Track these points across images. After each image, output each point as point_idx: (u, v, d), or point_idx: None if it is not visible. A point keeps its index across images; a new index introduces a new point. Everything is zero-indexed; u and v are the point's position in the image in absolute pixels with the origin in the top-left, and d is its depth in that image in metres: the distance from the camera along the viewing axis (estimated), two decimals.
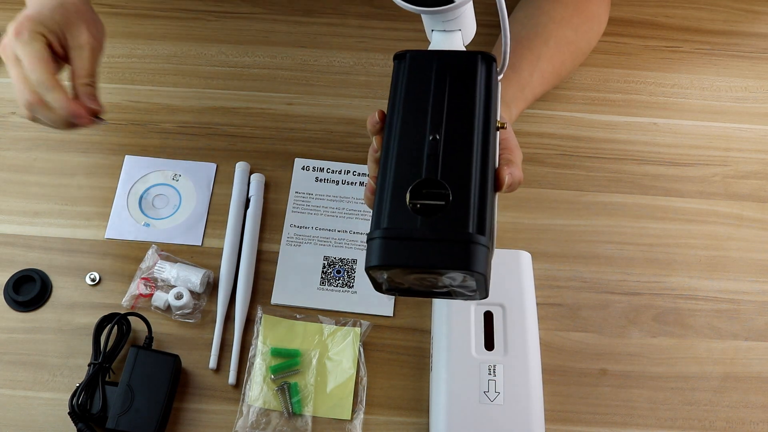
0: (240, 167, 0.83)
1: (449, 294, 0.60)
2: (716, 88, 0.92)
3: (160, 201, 0.82)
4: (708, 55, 0.94)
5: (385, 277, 0.58)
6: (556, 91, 0.87)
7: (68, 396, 0.68)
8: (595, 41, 0.88)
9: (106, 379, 0.70)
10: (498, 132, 0.63)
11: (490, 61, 0.61)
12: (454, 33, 0.63)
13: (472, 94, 0.59)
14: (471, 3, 0.62)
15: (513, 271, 0.74)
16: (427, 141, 0.57)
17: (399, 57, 0.62)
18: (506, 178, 0.61)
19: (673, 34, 0.95)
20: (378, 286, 0.61)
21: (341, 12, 0.95)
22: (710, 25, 0.96)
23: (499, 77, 0.66)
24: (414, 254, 0.54)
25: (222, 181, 0.83)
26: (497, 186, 0.61)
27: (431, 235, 0.55)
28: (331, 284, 0.78)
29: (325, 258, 0.79)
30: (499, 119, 0.63)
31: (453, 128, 0.58)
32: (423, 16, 0.63)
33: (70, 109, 0.66)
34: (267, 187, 0.83)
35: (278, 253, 0.79)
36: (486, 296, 0.59)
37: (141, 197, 0.82)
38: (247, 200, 0.81)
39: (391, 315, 0.76)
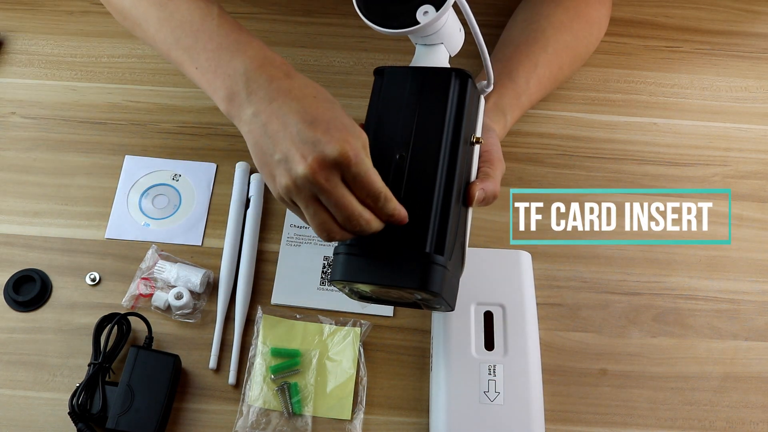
0: (240, 167, 0.83)
1: (418, 305, 0.62)
2: (716, 88, 0.92)
3: (160, 201, 0.82)
4: (708, 55, 0.94)
5: (348, 291, 0.61)
6: (556, 91, 0.87)
7: (68, 396, 0.68)
8: (594, 46, 0.88)
9: (106, 379, 0.70)
10: (475, 147, 0.63)
11: (465, 77, 0.61)
12: (437, 46, 0.63)
13: (443, 111, 0.59)
14: (452, 17, 0.62)
15: (513, 271, 0.74)
16: (394, 160, 0.58)
17: (378, 73, 0.63)
18: (477, 194, 0.61)
19: (673, 34, 0.95)
20: (348, 295, 0.62)
21: (341, 12, 0.95)
22: (710, 25, 0.96)
23: (488, 89, 0.66)
24: (372, 271, 0.57)
25: (222, 181, 0.83)
26: (468, 201, 0.61)
27: (391, 253, 0.56)
28: (331, 284, 0.78)
29: (325, 258, 0.79)
30: (478, 134, 0.64)
31: (420, 146, 0.59)
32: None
33: (401, 214, 0.56)
34: (267, 187, 0.83)
35: (278, 253, 0.79)
36: (452, 309, 0.61)
37: (141, 197, 0.82)
38: (247, 200, 0.81)
39: (391, 315, 0.76)
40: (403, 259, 0.56)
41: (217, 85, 0.59)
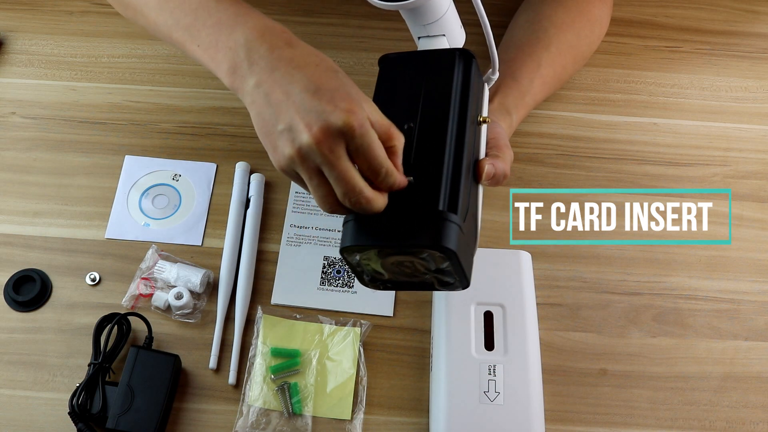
0: (240, 167, 0.83)
1: (430, 284, 0.60)
2: (716, 88, 0.92)
3: (160, 201, 0.82)
4: (708, 55, 0.94)
5: (358, 258, 0.58)
6: (556, 91, 0.87)
7: (68, 396, 0.68)
8: (596, 44, 0.88)
9: (106, 379, 0.70)
10: (482, 126, 0.63)
11: (468, 57, 0.62)
12: (438, 38, 0.63)
13: (449, 88, 0.60)
14: (453, 10, 0.63)
15: (513, 271, 0.74)
16: (402, 130, 0.58)
17: (382, 60, 0.64)
18: (486, 167, 0.61)
19: (673, 34, 0.95)
20: (360, 276, 0.60)
21: (341, 12, 0.95)
22: (710, 25, 0.96)
23: (494, 76, 0.66)
24: (383, 235, 0.55)
25: (222, 181, 0.83)
26: (477, 176, 0.61)
27: (402, 216, 0.55)
28: (331, 284, 0.78)
29: (325, 258, 0.79)
30: (485, 115, 0.64)
31: (428, 119, 0.59)
32: (408, 22, 0.64)
33: (402, 184, 0.55)
34: (267, 187, 0.83)
35: (278, 253, 0.79)
36: (467, 285, 0.58)
37: (141, 197, 0.82)
38: (247, 200, 0.81)
39: (391, 315, 0.76)
40: (416, 219, 0.55)
41: (219, 59, 0.59)
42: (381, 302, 0.77)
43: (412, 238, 0.54)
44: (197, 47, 0.61)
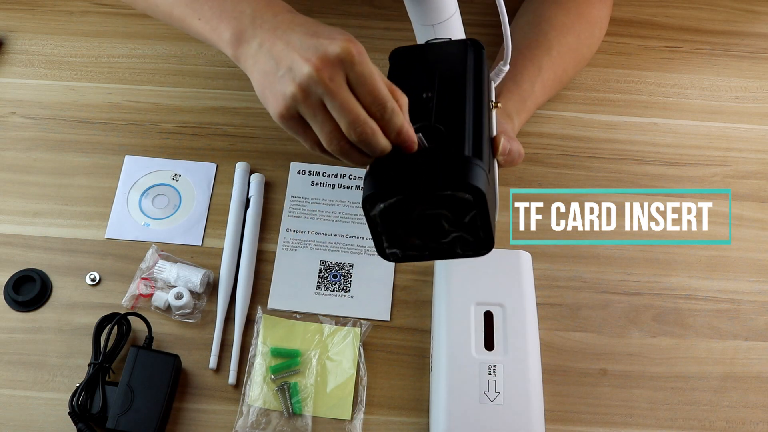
0: (240, 167, 0.83)
1: (451, 250, 0.57)
2: (716, 88, 0.92)
3: (160, 201, 0.82)
4: (708, 55, 0.94)
5: (381, 207, 0.54)
6: (557, 93, 0.87)
7: (68, 396, 0.68)
8: (596, 45, 0.88)
9: (106, 379, 0.70)
10: (493, 111, 0.64)
11: (479, 47, 0.62)
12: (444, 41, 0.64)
13: (463, 70, 0.60)
14: (458, 18, 0.64)
15: (513, 271, 0.74)
16: (420, 99, 0.58)
17: (393, 53, 0.64)
18: (502, 140, 0.62)
19: (673, 34, 0.95)
20: (378, 240, 0.56)
21: (341, 12, 0.95)
22: (710, 25, 0.96)
23: (505, 67, 0.67)
24: (408, 181, 0.53)
25: (222, 181, 0.83)
26: (494, 150, 0.61)
27: (426, 163, 0.53)
28: (327, 289, 0.78)
29: (321, 262, 0.79)
30: (493, 100, 0.65)
31: (445, 95, 0.58)
32: (415, 23, 0.64)
33: (411, 134, 0.54)
34: (267, 187, 0.83)
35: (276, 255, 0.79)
36: (490, 245, 0.56)
37: (141, 197, 0.82)
38: (247, 200, 0.81)
39: (388, 320, 0.76)
40: (442, 166, 0.53)
41: (222, 29, 0.59)
42: (377, 307, 0.77)
43: (439, 181, 0.52)
44: (198, 20, 0.61)
